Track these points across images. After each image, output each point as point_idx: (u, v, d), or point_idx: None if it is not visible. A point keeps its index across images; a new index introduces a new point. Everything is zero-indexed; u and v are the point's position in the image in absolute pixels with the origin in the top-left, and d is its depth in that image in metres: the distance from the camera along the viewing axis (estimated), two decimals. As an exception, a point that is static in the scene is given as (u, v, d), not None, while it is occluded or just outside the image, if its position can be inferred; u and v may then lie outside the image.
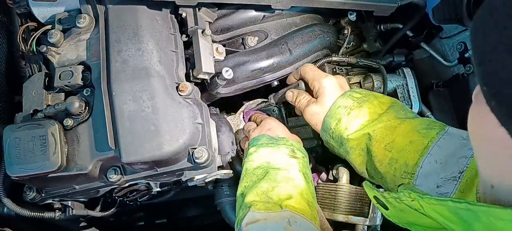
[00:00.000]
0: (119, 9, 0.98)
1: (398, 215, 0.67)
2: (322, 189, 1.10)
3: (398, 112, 0.94)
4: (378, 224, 1.07)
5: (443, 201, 0.55)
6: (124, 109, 0.89)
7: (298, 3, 1.05)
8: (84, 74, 0.97)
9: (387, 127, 0.91)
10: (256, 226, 0.79)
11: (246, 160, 0.95)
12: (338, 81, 1.03)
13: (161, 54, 0.97)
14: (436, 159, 0.82)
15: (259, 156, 0.93)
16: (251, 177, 0.90)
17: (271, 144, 0.96)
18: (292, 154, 0.95)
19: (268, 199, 0.84)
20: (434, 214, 0.56)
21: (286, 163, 0.92)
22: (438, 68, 1.29)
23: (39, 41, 1.02)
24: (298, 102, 1.06)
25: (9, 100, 1.14)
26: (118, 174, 0.97)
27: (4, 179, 1.03)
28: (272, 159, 0.92)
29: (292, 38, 1.10)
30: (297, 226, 0.80)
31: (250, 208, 0.82)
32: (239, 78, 1.07)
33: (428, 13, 1.16)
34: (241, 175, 0.93)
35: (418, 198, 0.59)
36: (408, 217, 0.65)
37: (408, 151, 0.86)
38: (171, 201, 1.40)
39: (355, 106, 0.96)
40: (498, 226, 0.46)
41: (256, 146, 0.96)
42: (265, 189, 0.86)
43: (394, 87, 1.24)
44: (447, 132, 0.86)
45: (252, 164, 0.92)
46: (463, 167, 0.78)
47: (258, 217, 0.80)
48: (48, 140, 0.89)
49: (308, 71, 1.06)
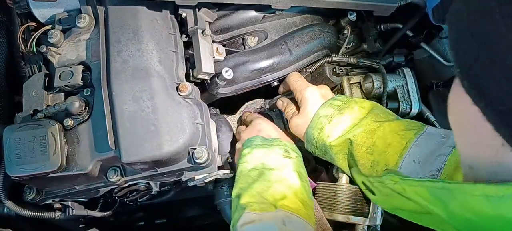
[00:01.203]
0: (119, 9, 0.98)
1: (385, 200, 0.68)
2: (322, 189, 1.10)
3: (377, 116, 0.96)
4: (378, 224, 1.07)
5: (421, 181, 0.56)
6: (124, 109, 0.89)
7: (298, 3, 1.05)
8: (84, 74, 0.97)
9: (367, 131, 0.93)
10: (251, 227, 0.80)
11: (240, 161, 0.95)
12: (320, 91, 1.04)
13: (161, 54, 0.97)
14: (414, 159, 0.84)
15: (253, 157, 0.94)
16: (246, 178, 0.91)
17: (265, 145, 0.96)
18: (286, 154, 0.95)
19: (263, 200, 0.85)
20: (416, 196, 0.57)
21: (280, 163, 0.93)
22: (438, 68, 1.29)
23: (39, 41, 1.02)
24: (286, 113, 1.09)
25: (9, 100, 1.14)
26: (118, 174, 0.97)
27: (4, 179, 1.02)
28: (266, 160, 0.93)
29: (292, 38, 1.10)
30: (291, 225, 0.81)
31: (245, 209, 0.83)
32: (239, 79, 1.07)
33: (428, 13, 1.16)
34: (236, 177, 0.94)
35: (400, 181, 0.60)
36: (394, 202, 0.65)
37: (387, 153, 0.88)
38: (171, 201, 1.40)
39: (336, 114, 0.97)
40: (470, 203, 0.47)
41: (250, 147, 0.96)
42: (259, 190, 0.87)
43: (394, 87, 1.23)
44: (426, 131, 0.88)
45: (247, 166, 0.93)
46: (441, 164, 0.79)
47: (253, 217, 0.81)
48: (48, 140, 0.89)
49: (292, 82, 1.08)
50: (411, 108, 1.23)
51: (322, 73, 1.18)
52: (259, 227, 0.80)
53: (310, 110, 1.01)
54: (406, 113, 1.24)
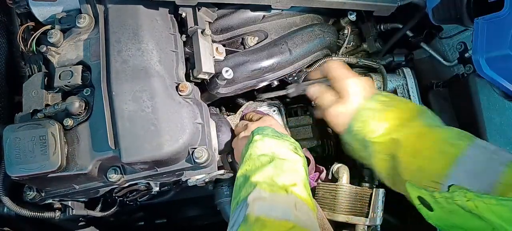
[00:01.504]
0: (119, 9, 0.98)
1: (444, 217, 0.66)
2: (322, 189, 1.10)
3: (427, 120, 0.93)
4: (378, 224, 1.07)
5: (505, 201, 0.54)
6: (124, 109, 0.89)
7: (298, 3, 1.05)
8: (84, 74, 0.97)
9: (416, 134, 0.90)
10: (263, 203, 0.78)
11: (251, 145, 0.93)
12: (365, 82, 1.01)
13: (161, 54, 0.97)
14: (466, 170, 0.81)
15: (265, 144, 0.92)
16: (255, 161, 0.89)
17: (277, 137, 0.95)
18: (295, 151, 0.95)
19: (273, 183, 0.83)
20: (490, 215, 0.55)
21: (291, 156, 0.92)
22: (438, 68, 1.29)
23: (39, 41, 1.02)
24: (321, 100, 1.04)
25: (9, 100, 1.14)
26: (118, 174, 0.97)
27: (4, 179, 1.02)
28: (277, 150, 0.91)
29: (292, 38, 1.10)
30: (302, 212, 0.79)
31: (256, 187, 0.81)
32: (239, 78, 1.07)
33: (428, 13, 1.16)
34: (243, 159, 0.91)
35: (475, 197, 0.58)
36: (455, 220, 0.63)
37: (436, 160, 0.85)
38: (171, 201, 1.40)
39: (381, 110, 0.94)
40: None
41: (262, 134, 0.95)
42: (270, 174, 0.85)
43: (394, 87, 1.24)
44: (476, 143, 0.85)
45: (257, 151, 0.91)
46: (493, 180, 0.76)
47: (264, 195, 0.79)
48: (48, 140, 0.89)
49: (334, 69, 1.03)
50: (411, 108, 1.23)
51: (322, 73, 1.18)
52: (272, 206, 0.78)
53: (354, 100, 0.98)
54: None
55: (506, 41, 0.98)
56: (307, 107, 1.31)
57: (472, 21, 1.04)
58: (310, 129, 1.26)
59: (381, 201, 1.07)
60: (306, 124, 1.27)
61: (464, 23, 1.07)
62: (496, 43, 1.00)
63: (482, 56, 1.03)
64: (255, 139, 0.94)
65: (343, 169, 1.11)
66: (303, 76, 1.17)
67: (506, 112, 1.11)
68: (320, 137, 1.28)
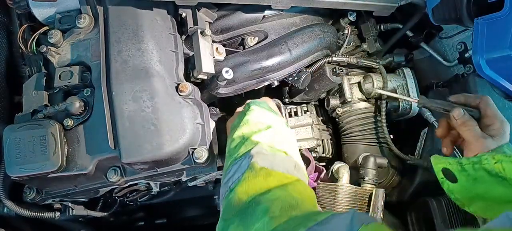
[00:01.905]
0: (119, 9, 0.98)
1: (467, 187, 0.65)
2: (322, 189, 1.10)
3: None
4: (378, 224, 1.07)
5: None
6: (124, 109, 0.89)
7: (298, 3, 1.05)
8: (84, 74, 0.97)
9: None
10: (266, 158, 0.78)
11: (248, 112, 0.92)
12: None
13: (161, 54, 0.97)
14: None
15: (262, 113, 0.93)
16: (252, 126, 0.88)
17: (273, 112, 0.96)
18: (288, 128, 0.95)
19: (272, 146, 0.83)
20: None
21: (286, 131, 0.92)
22: (438, 68, 1.29)
23: (39, 41, 1.02)
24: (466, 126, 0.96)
25: (9, 100, 1.14)
26: (118, 174, 0.97)
27: (4, 179, 1.03)
28: (274, 122, 0.91)
29: (292, 38, 1.10)
30: (300, 173, 0.80)
31: (258, 144, 0.82)
32: (239, 78, 1.07)
33: (428, 13, 1.16)
34: (238, 124, 0.90)
35: (503, 159, 0.57)
36: (478, 189, 0.63)
37: None
38: (171, 201, 1.40)
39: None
40: None
41: (259, 105, 0.95)
42: (268, 139, 0.85)
43: (394, 87, 1.24)
44: None
45: (254, 118, 0.91)
46: None
47: (265, 152, 0.80)
48: (48, 140, 0.89)
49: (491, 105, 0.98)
50: (411, 108, 1.23)
51: (323, 73, 1.18)
52: (274, 162, 0.78)
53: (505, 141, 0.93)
54: (406, 113, 1.24)
55: (506, 41, 0.98)
56: (307, 107, 1.31)
57: (472, 21, 1.04)
58: (310, 129, 1.26)
59: (381, 201, 1.07)
60: (306, 124, 1.27)
61: (464, 23, 1.07)
62: (496, 43, 1.00)
63: (482, 56, 1.04)
64: (252, 108, 0.93)
65: (343, 169, 1.11)
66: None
67: (506, 112, 1.11)
68: (320, 137, 1.28)
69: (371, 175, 1.13)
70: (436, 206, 1.08)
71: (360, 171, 1.15)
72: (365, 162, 1.15)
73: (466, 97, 1.04)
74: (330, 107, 1.28)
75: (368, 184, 1.12)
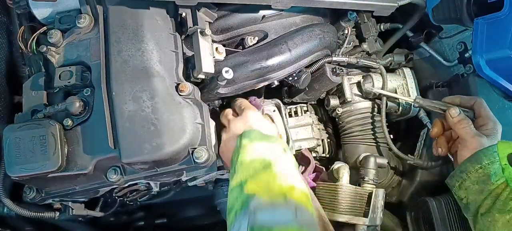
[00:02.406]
0: (119, 9, 0.98)
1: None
2: (322, 189, 1.10)
3: None
4: (378, 224, 1.07)
5: None
6: (124, 109, 0.89)
7: (298, 3, 1.05)
8: (84, 74, 0.97)
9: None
10: (265, 211, 0.78)
11: (241, 151, 0.92)
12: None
13: (161, 54, 0.97)
14: None
15: (254, 149, 0.92)
16: (247, 170, 0.88)
17: (265, 139, 0.95)
18: (284, 151, 0.94)
19: (271, 189, 0.83)
20: None
21: (282, 157, 0.91)
22: (438, 68, 1.29)
23: (39, 41, 1.02)
24: (462, 125, 1.02)
25: (9, 100, 1.14)
26: (118, 174, 0.97)
27: (4, 179, 1.03)
28: (267, 154, 0.91)
29: (292, 38, 1.10)
30: (303, 217, 0.79)
31: (255, 196, 0.81)
32: (239, 78, 1.07)
33: (428, 13, 1.16)
34: (235, 168, 0.91)
35: None
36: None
37: None
38: (171, 201, 1.40)
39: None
40: None
41: (250, 138, 0.94)
42: (266, 180, 0.84)
43: (394, 87, 1.24)
44: None
45: (247, 157, 0.90)
46: None
47: (264, 204, 0.79)
48: (48, 140, 0.89)
49: (485, 107, 1.04)
50: (410, 108, 1.23)
51: (323, 73, 1.18)
52: (274, 213, 0.78)
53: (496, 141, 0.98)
54: (406, 113, 1.24)
55: (506, 42, 0.98)
56: (307, 107, 1.31)
57: (472, 21, 1.04)
58: (310, 129, 1.26)
59: (381, 201, 1.07)
60: (306, 123, 1.27)
61: (464, 23, 1.07)
62: (496, 43, 1.00)
63: (482, 56, 1.04)
64: (244, 144, 0.93)
65: (343, 169, 1.11)
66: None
67: (506, 112, 1.11)
68: (320, 137, 1.28)
69: (371, 175, 1.13)
70: (436, 206, 1.08)
71: (360, 171, 1.15)
72: (365, 162, 1.15)
73: (461, 98, 1.07)
74: (330, 107, 1.28)
75: (368, 184, 1.12)
